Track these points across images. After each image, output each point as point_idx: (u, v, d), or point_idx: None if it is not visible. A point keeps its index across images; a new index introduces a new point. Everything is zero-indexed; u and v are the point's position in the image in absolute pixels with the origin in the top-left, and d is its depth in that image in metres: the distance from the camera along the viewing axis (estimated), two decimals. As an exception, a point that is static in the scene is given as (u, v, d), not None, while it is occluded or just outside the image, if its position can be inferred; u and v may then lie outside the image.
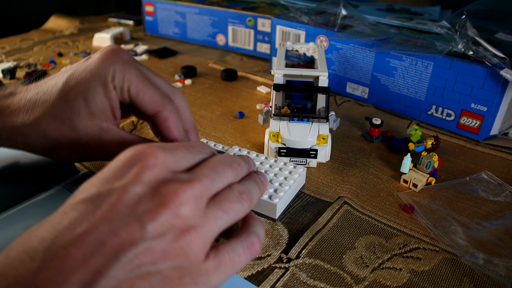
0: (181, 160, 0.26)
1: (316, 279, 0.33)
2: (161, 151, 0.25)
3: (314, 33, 0.66)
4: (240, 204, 0.27)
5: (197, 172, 0.26)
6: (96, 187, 0.24)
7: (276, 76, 0.49)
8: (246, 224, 0.28)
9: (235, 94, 0.66)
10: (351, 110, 0.62)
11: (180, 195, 0.23)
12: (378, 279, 0.33)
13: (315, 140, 0.46)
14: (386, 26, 0.67)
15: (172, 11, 0.90)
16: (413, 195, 0.43)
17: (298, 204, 0.42)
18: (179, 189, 0.23)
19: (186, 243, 0.23)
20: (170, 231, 0.22)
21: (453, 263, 0.35)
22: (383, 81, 0.61)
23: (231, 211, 0.26)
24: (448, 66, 0.54)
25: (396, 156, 0.50)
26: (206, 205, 0.25)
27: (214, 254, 0.25)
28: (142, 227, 0.22)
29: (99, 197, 0.23)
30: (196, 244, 0.23)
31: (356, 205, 0.42)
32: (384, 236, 0.38)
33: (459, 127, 0.56)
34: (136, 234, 0.21)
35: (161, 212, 0.22)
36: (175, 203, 0.23)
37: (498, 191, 0.44)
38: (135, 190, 0.23)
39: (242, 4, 0.86)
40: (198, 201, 0.24)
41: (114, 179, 0.24)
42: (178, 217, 0.23)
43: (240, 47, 0.84)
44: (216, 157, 0.28)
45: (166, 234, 0.22)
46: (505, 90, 0.50)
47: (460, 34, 0.55)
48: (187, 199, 0.23)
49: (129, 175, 0.24)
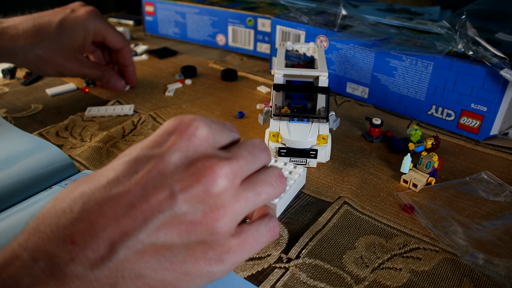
0: (219, 134, 0.26)
1: (316, 279, 0.33)
2: (201, 123, 0.25)
3: (314, 33, 0.66)
4: (273, 187, 0.27)
5: (235, 151, 0.26)
6: (137, 151, 0.24)
7: (276, 76, 0.49)
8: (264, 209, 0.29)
9: (235, 94, 0.66)
10: (351, 110, 0.62)
11: (216, 171, 0.23)
12: (378, 279, 0.33)
13: (315, 140, 0.46)
14: (386, 26, 0.67)
15: (172, 11, 0.90)
16: (413, 195, 0.43)
17: (298, 204, 0.42)
18: (216, 165, 0.23)
19: (213, 220, 0.23)
20: (199, 205, 0.23)
21: (453, 263, 0.35)
22: (383, 81, 0.61)
23: (264, 194, 0.26)
24: (448, 66, 0.54)
25: (396, 156, 0.50)
26: (239, 185, 0.25)
27: (239, 233, 0.25)
28: (172, 196, 0.22)
29: (138, 162, 0.24)
30: (223, 222, 0.24)
31: (356, 205, 0.42)
32: (384, 236, 0.38)
33: (459, 127, 0.56)
34: (165, 202, 0.22)
35: (194, 185, 0.23)
36: (209, 178, 0.23)
37: (498, 191, 0.44)
38: (172, 159, 0.23)
39: (242, 4, 0.86)
40: (232, 180, 0.24)
41: (154, 146, 0.25)
42: (210, 193, 0.23)
43: (240, 47, 0.84)
44: (252, 140, 0.28)
45: (196, 208, 0.23)
46: (505, 90, 0.50)
47: (460, 34, 0.55)
48: (222, 176, 0.23)
49: (168, 143, 0.24)
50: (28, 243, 0.21)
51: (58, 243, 0.21)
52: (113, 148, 0.51)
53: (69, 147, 0.51)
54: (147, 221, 0.22)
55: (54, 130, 0.54)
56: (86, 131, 0.54)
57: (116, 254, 0.21)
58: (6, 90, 0.66)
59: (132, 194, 0.22)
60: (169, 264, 0.23)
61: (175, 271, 0.23)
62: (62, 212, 0.22)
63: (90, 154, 0.49)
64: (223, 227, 0.24)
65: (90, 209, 0.22)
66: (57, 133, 0.54)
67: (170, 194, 0.22)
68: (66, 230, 0.21)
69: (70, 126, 0.55)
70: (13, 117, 0.58)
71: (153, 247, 0.22)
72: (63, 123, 0.56)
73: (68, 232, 0.21)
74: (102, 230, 0.21)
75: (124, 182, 0.23)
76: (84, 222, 0.21)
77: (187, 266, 0.23)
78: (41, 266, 0.20)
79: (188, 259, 0.23)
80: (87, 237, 0.21)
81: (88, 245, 0.21)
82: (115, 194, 0.22)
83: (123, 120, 0.58)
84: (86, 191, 0.23)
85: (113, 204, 0.22)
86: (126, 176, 0.23)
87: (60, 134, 0.54)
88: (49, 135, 0.53)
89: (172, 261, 0.23)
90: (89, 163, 0.48)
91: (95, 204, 0.22)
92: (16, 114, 0.58)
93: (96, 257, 0.21)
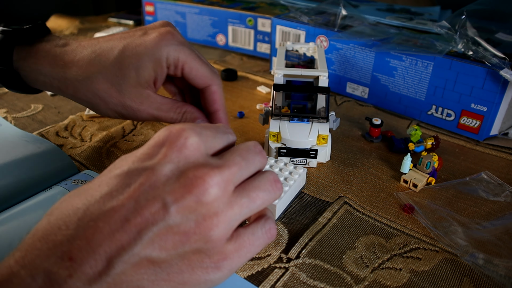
0: (211, 140, 0.26)
1: (316, 279, 0.33)
2: (191, 132, 0.25)
3: (314, 33, 0.66)
4: (268, 193, 0.27)
5: (227, 158, 0.26)
6: (128, 164, 0.24)
7: (276, 76, 0.49)
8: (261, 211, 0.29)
9: (235, 94, 0.66)
10: (351, 110, 0.62)
11: (206, 181, 0.23)
12: (378, 279, 0.33)
13: (315, 140, 0.46)
14: (386, 26, 0.67)
15: (172, 11, 0.90)
16: (413, 195, 0.43)
17: (298, 204, 0.42)
18: (206, 174, 0.23)
19: (207, 229, 0.23)
20: (192, 215, 0.23)
21: (453, 263, 0.35)
22: (383, 81, 0.61)
23: (258, 200, 0.26)
24: (448, 66, 0.54)
25: (396, 156, 0.50)
26: (232, 192, 0.25)
27: (235, 238, 0.25)
28: (165, 208, 0.22)
29: (130, 175, 0.24)
30: (217, 230, 0.24)
31: (356, 205, 0.42)
32: (384, 236, 0.38)
33: (459, 127, 0.56)
34: (158, 214, 0.22)
35: (185, 196, 0.23)
36: (200, 188, 0.23)
37: (498, 191, 0.44)
38: (163, 171, 0.23)
39: (242, 4, 0.86)
40: (224, 188, 0.24)
41: (145, 159, 0.25)
42: (202, 203, 0.23)
43: (240, 47, 0.84)
44: (246, 144, 0.28)
45: (188, 218, 0.23)
46: (505, 90, 0.50)
47: (460, 34, 0.55)
48: (213, 185, 0.23)
49: (158, 155, 0.24)
50: (25, 260, 0.21)
51: (56, 260, 0.21)
52: (113, 148, 0.51)
53: (69, 147, 0.51)
54: (141, 234, 0.22)
55: (54, 130, 0.54)
56: (86, 131, 0.54)
57: (113, 269, 0.21)
58: (6, 90, 0.66)
59: (125, 208, 0.22)
60: (166, 275, 0.23)
61: (173, 281, 0.23)
62: (57, 229, 0.22)
63: (90, 154, 0.49)
64: (217, 235, 0.24)
65: (86, 225, 0.22)
66: (57, 133, 0.54)
67: (162, 206, 0.22)
68: (63, 247, 0.21)
69: (70, 126, 0.55)
70: (13, 117, 0.58)
71: (149, 259, 0.22)
72: (63, 123, 0.56)
73: (66, 249, 0.21)
74: (98, 245, 0.21)
75: (117, 196, 0.23)
76: (80, 238, 0.21)
77: (184, 276, 0.23)
78: (39, 283, 0.20)
79: (185, 269, 0.23)
80: (84, 254, 0.21)
81: (85, 261, 0.21)
82: (109, 209, 0.22)
83: (123, 120, 0.58)
84: (80, 207, 0.23)
85: (108, 219, 0.22)
86: (119, 190, 0.23)
87: (60, 134, 0.54)
88: (49, 135, 0.53)
89: (169, 272, 0.23)
90: (89, 163, 0.48)
91: (90, 220, 0.22)
92: (16, 114, 0.58)
93: (94, 272, 0.21)
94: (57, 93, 0.43)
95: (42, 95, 0.65)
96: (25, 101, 0.62)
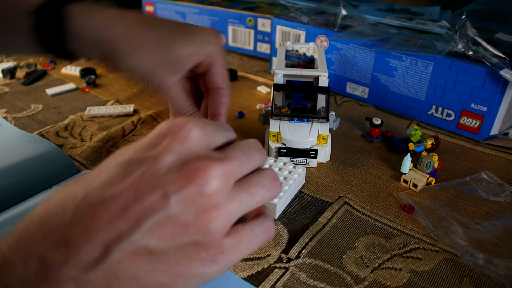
0: (213, 135, 0.26)
1: (316, 279, 0.33)
2: (194, 125, 0.25)
3: (314, 33, 0.66)
4: (267, 189, 0.27)
5: (229, 152, 0.26)
6: (130, 154, 0.24)
7: (276, 76, 0.49)
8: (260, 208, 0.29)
9: (235, 94, 0.66)
10: (351, 110, 0.62)
11: (208, 172, 0.23)
12: (378, 279, 0.33)
13: (315, 140, 0.46)
14: (386, 26, 0.67)
15: (172, 11, 0.90)
16: (413, 195, 0.43)
17: (298, 204, 0.42)
18: (208, 166, 0.23)
19: (206, 221, 0.23)
20: (192, 206, 0.23)
21: (453, 263, 0.35)
22: (383, 81, 0.61)
23: (258, 195, 0.26)
24: (448, 66, 0.54)
25: (396, 156, 0.50)
26: (232, 186, 0.25)
27: (233, 233, 0.25)
28: (165, 197, 0.22)
29: (131, 164, 0.24)
30: (216, 223, 0.24)
31: (356, 205, 0.42)
32: (384, 236, 0.38)
33: (459, 127, 0.56)
34: (158, 203, 0.22)
35: (186, 187, 0.23)
36: (201, 179, 0.23)
37: (498, 191, 0.44)
38: (165, 161, 0.23)
39: (242, 4, 0.86)
40: (225, 181, 0.24)
41: (147, 149, 0.25)
42: (202, 194, 0.23)
43: (240, 47, 0.84)
44: (247, 141, 0.28)
45: (188, 208, 0.23)
46: (505, 90, 0.50)
47: (460, 34, 0.55)
48: (214, 177, 0.23)
49: (160, 146, 0.24)
50: (18, 246, 0.21)
51: (51, 246, 0.21)
52: (113, 148, 0.51)
53: (69, 147, 0.51)
54: (140, 223, 0.22)
55: (54, 130, 0.54)
56: (86, 131, 0.54)
57: (110, 256, 0.21)
58: (6, 90, 0.66)
59: (125, 196, 0.22)
60: (163, 265, 0.23)
61: (169, 272, 0.23)
62: (54, 215, 0.22)
63: (90, 154, 0.49)
64: (216, 228, 0.24)
65: (84, 212, 0.22)
66: (57, 133, 0.54)
67: (163, 195, 0.22)
68: (60, 233, 0.21)
69: (70, 126, 0.55)
70: (13, 117, 0.58)
71: (147, 249, 0.22)
72: (63, 123, 0.56)
73: (62, 235, 0.21)
74: (96, 232, 0.21)
75: (118, 184, 0.23)
76: (77, 225, 0.21)
77: (181, 267, 0.23)
78: (32, 269, 0.20)
79: (182, 260, 0.23)
80: (81, 240, 0.21)
81: (82, 248, 0.21)
82: (109, 197, 0.22)
83: (123, 120, 0.58)
84: (79, 194, 0.22)
85: (107, 206, 0.22)
86: (119, 178, 0.23)
87: (60, 134, 0.54)
88: (49, 135, 0.53)
89: (166, 262, 0.23)
90: (89, 163, 0.48)
91: (89, 207, 0.22)
92: (16, 114, 0.58)
93: (90, 259, 0.21)
94: (88, 56, 0.41)
95: (42, 95, 0.65)
96: (25, 101, 0.62)
